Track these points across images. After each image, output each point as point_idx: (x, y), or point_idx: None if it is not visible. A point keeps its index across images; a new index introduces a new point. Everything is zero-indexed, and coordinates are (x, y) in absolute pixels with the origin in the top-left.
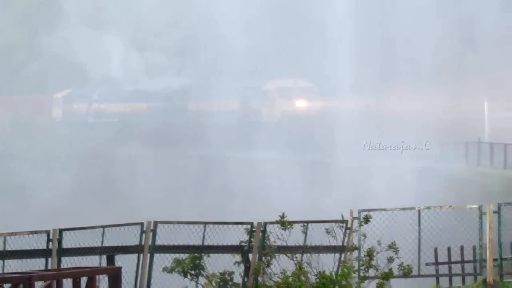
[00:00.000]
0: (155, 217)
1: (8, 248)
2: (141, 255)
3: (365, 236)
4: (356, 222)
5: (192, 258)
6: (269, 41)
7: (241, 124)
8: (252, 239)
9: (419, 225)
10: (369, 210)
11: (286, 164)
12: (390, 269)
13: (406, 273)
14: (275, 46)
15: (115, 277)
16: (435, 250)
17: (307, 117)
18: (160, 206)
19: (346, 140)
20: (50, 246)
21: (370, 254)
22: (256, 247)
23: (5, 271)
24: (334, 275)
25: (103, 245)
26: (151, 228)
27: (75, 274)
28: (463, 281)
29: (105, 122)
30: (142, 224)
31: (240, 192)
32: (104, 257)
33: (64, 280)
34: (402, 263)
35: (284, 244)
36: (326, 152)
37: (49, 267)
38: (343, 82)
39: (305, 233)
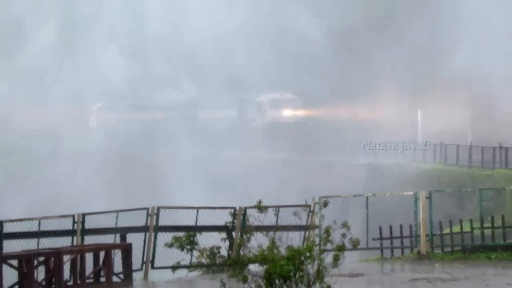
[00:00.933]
0: (166, 202)
1: (42, 229)
2: (147, 233)
3: (323, 217)
4: (317, 206)
5: (187, 235)
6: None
7: (237, 128)
8: (235, 220)
9: (367, 208)
10: (327, 197)
11: (272, 161)
12: (343, 243)
13: (355, 244)
14: (269, 63)
15: (127, 251)
16: (380, 228)
17: (293, 124)
18: (171, 194)
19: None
20: (75, 227)
21: (327, 231)
22: (238, 227)
23: (40, 247)
24: (300, 248)
25: (117, 226)
26: (155, 212)
27: (95, 249)
28: (402, 253)
29: (130, 128)
30: (148, 209)
31: (230, 183)
32: (118, 235)
33: (86, 254)
34: (351, 237)
35: (260, 224)
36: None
37: (74, 244)
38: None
39: (277, 215)
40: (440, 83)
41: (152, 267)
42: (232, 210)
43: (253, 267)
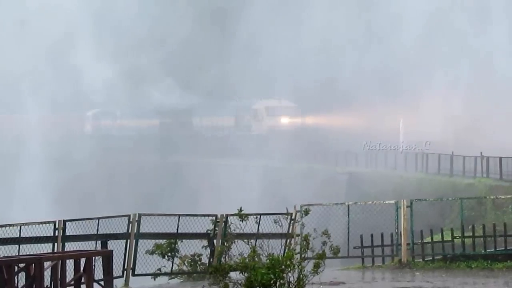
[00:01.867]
0: (153, 210)
1: (23, 235)
2: (128, 240)
3: (304, 225)
4: (298, 214)
5: (169, 243)
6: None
7: (234, 136)
8: (216, 228)
9: (348, 216)
10: (308, 205)
11: (255, 168)
12: (323, 251)
13: (336, 252)
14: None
15: (107, 258)
16: (361, 236)
17: (289, 131)
18: (160, 201)
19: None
20: (56, 234)
21: (306, 239)
22: (219, 235)
23: (20, 253)
24: (280, 256)
25: (98, 233)
26: (136, 219)
27: (76, 256)
28: (383, 261)
29: (125, 135)
30: (129, 216)
31: (214, 191)
32: (99, 242)
33: (67, 261)
34: (332, 245)
35: (241, 232)
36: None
37: (55, 251)
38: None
39: (258, 223)
40: (422, 93)
41: (133, 274)
42: (214, 218)
43: (234, 275)
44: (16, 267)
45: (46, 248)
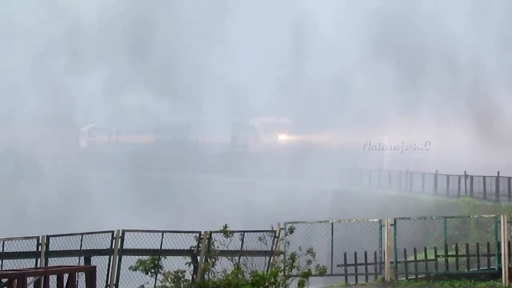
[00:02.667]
0: (139, 226)
1: (6, 250)
2: (112, 256)
3: (289, 243)
4: (282, 232)
5: (152, 259)
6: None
7: (230, 153)
8: (200, 245)
9: (332, 234)
10: (293, 222)
11: (240, 185)
12: (309, 269)
13: (322, 272)
14: (263, 86)
15: (91, 274)
16: (345, 254)
17: (288, 149)
18: (149, 219)
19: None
20: (40, 249)
21: (292, 257)
22: (203, 251)
23: (3, 269)
24: (265, 274)
25: (82, 248)
26: (120, 235)
27: (59, 271)
28: (366, 279)
29: (122, 151)
30: (112, 232)
31: (198, 208)
32: (82, 258)
33: (50, 276)
34: (318, 264)
35: (225, 248)
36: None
37: (38, 266)
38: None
39: (242, 240)
40: (405, 111)
41: None
42: (197, 234)
43: None
44: None
45: (29, 263)
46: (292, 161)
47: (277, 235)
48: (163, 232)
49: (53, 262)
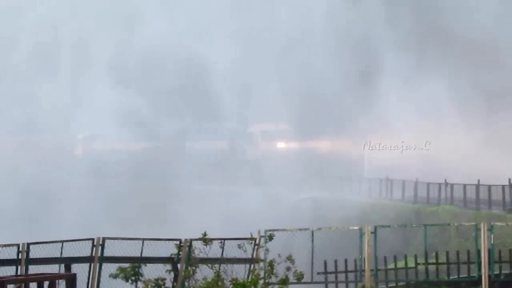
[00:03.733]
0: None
1: None
2: (92, 264)
3: (268, 250)
4: (262, 239)
5: (132, 266)
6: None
7: (228, 161)
8: (180, 252)
9: (312, 242)
10: (273, 230)
11: (221, 193)
12: (287, 276)
13: (299, 278)
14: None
15: (71, 281)
16: (325, 262)
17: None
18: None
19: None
20: (20, 257)
21: (271, 264)
22: (183, 259)
23: None
24: (245, 281)
25: (62, 256)
26: (100, 243)
27: (39, 279)
28: (347, 287)
29: (118, 159)
30: (93, 239)
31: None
32: (63, 265)
33: (31, 284)
34: (296, 270)
35: (205, 256)
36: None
37: (18, 274)
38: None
39: (222, 248)
40: (387, 119)
41: None
42: (178, 242)
43: None
44: None
45: (9, 271)
46: (279, 169)
47: (257, 242)
48: (143, 239)
49: (34, 269)
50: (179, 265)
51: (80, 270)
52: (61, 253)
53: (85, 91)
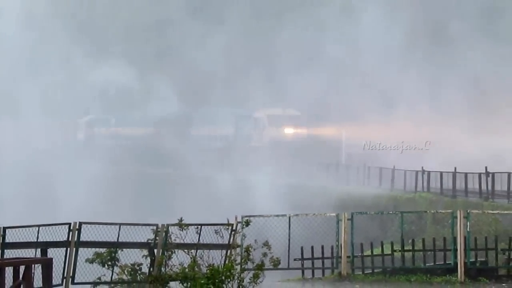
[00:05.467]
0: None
1: None
2: (68, 249)
3: (245, 236)
4: (239, 225)
5: (109, 251)
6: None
7: (233, 148)
8: (157, 238)
9: (289, 228)
10: (249, 216)
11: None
12: (263, 262)
13: (276, 264)
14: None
15: (47, 266)
16: (301, 248)
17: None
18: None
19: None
20: None
21: (247, 250)
22: (160, 244)
23: None
24: (221, 267)
25: (38, 240)
26: (77, 227)
27: (15, 263)
28: (323, 273)
29: (120, 144)
30: (69, 224)
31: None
32: (39, 250)
33: (6, 268)
34: (272, 256)
35: (182, 242)
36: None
37: None
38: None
39: (199, 233)
40: (366, 106)
41: (73, 283)
42: (154, 227)
43: (174, 285)
44: None
45: None
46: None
47: (234, 228)
48: (120, 224)
49: (9, 254)
50: (155, 251)
51: (56, 255)
52: (37, 237)
53: (87, 73)
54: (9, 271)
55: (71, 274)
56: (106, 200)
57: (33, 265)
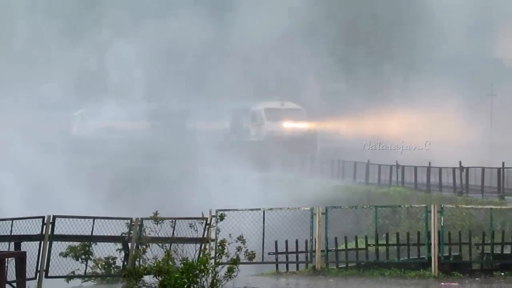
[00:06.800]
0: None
1: None
2: (42, 242)
3: (219, 230)
4: (214, 219)
5: (83, 245)
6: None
7: (230, 142)
8: (131, 231)
9: (263, 222)
10: (224, 210)
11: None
12: (238, 256)
13: (251, 257)
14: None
15: (21, 259)
16: (276, 242)
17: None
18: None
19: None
20: None
21: (222, 244)
22: (134, 238)
23: None
24: (195, 261)
25: (12, 234)
26: (51, 221)
27: None
28: (297, 268)
29: (114, 138)
30: (43, 217)
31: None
32: (12, 243)
33: None
34: (247, 250)
35: (156, 235)
36: None
37: None
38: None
39: (173, 227)
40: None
41: (46, 276)
42: (129, 221)
43: (148, 279)
44: None
45: None
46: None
47: (208, 222)
48: (94, 218)
49: None
50: (129, 244)
51: (30, 249)
52: (11, 231)
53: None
54: None
55: (44, 268)
56: (93, 195)
57: (6, 259)
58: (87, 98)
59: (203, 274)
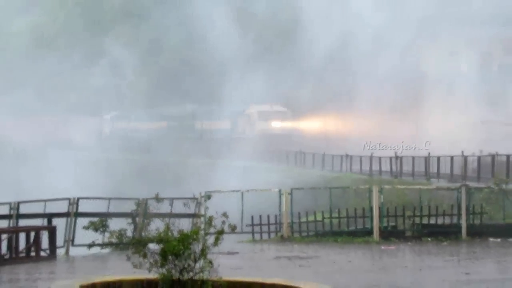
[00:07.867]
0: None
1: None
2: (69, 218)
3: (208, 208)
4: (203, 199)
5: (101, 220)
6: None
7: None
8: (139, 209)
9: (242, 201)
10: (211, 192)
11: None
12: (223, 228)
13: (233, 229)
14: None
15: (52, 232)
16: (252, 217)
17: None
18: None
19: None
20: (11, 212)
21: (210, 219)
22: (141, 214)
23: None
24: (189, 232)
25: (45, 212)
26: (75, 202)
27: (27, 230)
28: (269, 236)
29: (137, 136)
30: (69, 199)
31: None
32: (46, 219)
33: (20, 234)
34: (230, 223)
35: (158, 212)
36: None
37: (11, 226)
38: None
39: (171, 205)
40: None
41: (72, 245)
42: (137, 201)
43: (152, 246)
44: None
45: (3, 223)
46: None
47: (198, 201)
48: (109, 199)
49: (23, 223)
50: (137, 219)
51: (59, 223)
52: (44, 209)
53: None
54: (22, 236)
55: (71, 238)
56: (111, 182)
57: (41, 231)
58: (115, 103)
59: (195, 242)
